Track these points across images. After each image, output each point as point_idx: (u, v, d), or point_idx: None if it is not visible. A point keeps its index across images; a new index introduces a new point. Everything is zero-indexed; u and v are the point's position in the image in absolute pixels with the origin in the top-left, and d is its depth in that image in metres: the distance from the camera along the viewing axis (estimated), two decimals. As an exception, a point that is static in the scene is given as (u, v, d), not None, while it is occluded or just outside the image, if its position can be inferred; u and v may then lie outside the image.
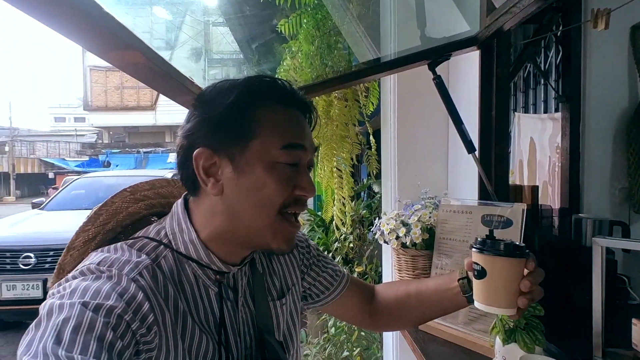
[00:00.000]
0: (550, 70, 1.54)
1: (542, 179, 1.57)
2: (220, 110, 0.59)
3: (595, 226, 1.08)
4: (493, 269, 0.64)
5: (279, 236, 0.62)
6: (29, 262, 3.72)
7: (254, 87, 0.61)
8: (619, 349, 0.76)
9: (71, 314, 0.47)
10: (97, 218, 0.68)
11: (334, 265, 0.86)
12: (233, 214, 0.60)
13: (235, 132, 0.59)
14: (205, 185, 0.60)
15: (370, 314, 0.86)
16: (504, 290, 0.64)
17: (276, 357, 0.67)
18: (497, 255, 0.63)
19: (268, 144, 0.59)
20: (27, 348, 0.44)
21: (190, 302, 0.60)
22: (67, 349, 0.43)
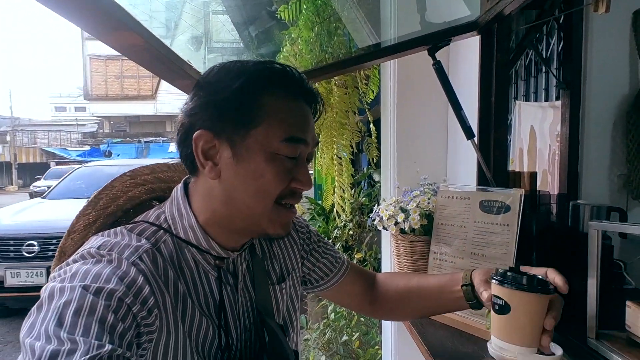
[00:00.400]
0: (552, 57, 1.53)
1: (542, 168, 1.57)
2: (226, 95, 0.58)
3: (593, 212, 1.08)
4: (519, 305, 0.60)
5: (275, 222, 0.62)
6: (32, 250, 3.76)
7: (263, 74, 0.60)
8: (613, 331, 0.77)
9: (72, 297, 0.47)
10: (97, 202, 0.68)
11: (334, 251, 0.86)
12: (229, 200, 0.60)
13: (238, 118, 0.58)
14: (203, 168, 0.60)
15: (371, 302, 0.86)
16: (529, 328, 0.61)
17: (276, 340, 0.68)
18: (525, 290, 0.60)
19: (270, 134, 0.59)
20: (30, 330, 0.45)
21: (190, 285, 0.61)
22: (68, 331, 0.44)
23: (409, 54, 1.08)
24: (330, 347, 1.92)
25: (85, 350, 0.42)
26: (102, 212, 0.69)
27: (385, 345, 1.72)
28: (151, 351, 0.55)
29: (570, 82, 1.28)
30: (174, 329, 0.57)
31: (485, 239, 1.02)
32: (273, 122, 0.59)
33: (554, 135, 1.50)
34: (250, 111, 0.58)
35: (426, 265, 1.15)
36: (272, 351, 0.68)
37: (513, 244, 0.97)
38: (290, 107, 0.61)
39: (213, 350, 0.62)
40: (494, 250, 1.00)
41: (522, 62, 1.75)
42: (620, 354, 0.69)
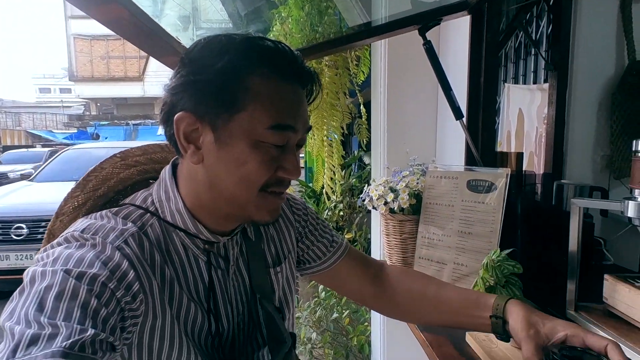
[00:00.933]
0: (541, 39, 1.53)
1: (529, 150, 1.59)
2: (208, 75, 0.54)
3: (576, 191, 1.11)
4: None
5: (261, 209, 0.59)
6: (21, 233, 3.71)
7: (249, 53, 0.55)
8: (591, 303, 0.80)
9: (54, 281, 0.45)
10: (87, 184, 0.66)
11: (332, 234, 0.82)
12: (213, 186, 0.58)
13: (221, 101, 0.54)
14: (185, 152, 0.57)
15: (374, 295, 0.79)
16: None
17: (273, 323, 0.67)
18: None
19: (255, 120, 0.54)
20: (10, 315, 0.43)
21: (178, 270, 0.59)
22: (49, 316, 0.42)
23: (399, 33, 1.07)
24: (321, 324, 1.96)
25: (67, 335, 0.41)
26: (92, 194, 0.67)
27: (374, 322, 1.76)
28: (136, 335, 0.54)
29: (558, 64, 1.29)
30: (160, 313, 0.55)
31: (472, 217, 1.04)
32: (259, 107, 0.54)
33: (541, 118, 1.52)
34: (234, 94, 0.54)
35: (414, 244, 1.18)
36: (269, 335, 0.67)
37: (499, 222, 0.99)
38: (279, 90, 0.56)
39: (203, 335, 0.61)
40: (480, 228, 1.02)
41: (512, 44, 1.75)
42: (597, 324, 0.72)
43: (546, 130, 1.39)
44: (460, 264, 1.04)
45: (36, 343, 0.40)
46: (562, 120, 1.31)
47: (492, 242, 0.99)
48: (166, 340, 0.56)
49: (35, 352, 0.39)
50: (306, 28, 1.59)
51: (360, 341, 1.84)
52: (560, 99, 1.32)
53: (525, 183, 1.20)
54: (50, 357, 0.38)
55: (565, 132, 1.31)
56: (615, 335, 0.68)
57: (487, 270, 0.85)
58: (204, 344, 0.61)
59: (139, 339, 0.54)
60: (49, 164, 5.25)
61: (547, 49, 1.47)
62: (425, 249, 1.13)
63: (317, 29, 1.54)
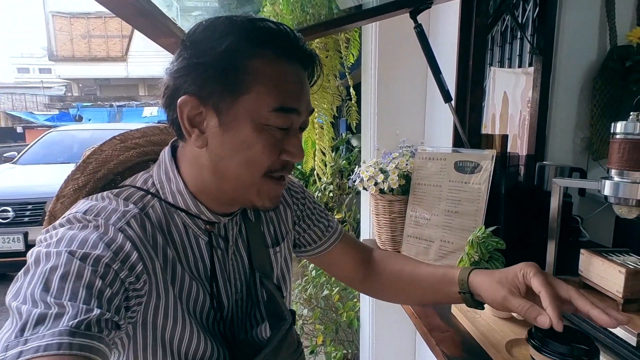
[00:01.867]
0: (527, 23, 1.55)
1: (513, 132, 1.63)
2: (211, 58, 0.53)
3: (557, 172, 1.15)
4: None
5: (263, 195, 0.59)
6: (7, 216, 3.65)
7: (252, 34, 0.54)
8: (568, 276, 0.85)
9: (58, 262, 0.46)
10: (86, 167, 0.66)
11: (328, 219, 0.83)
12: (217, 170, 0.58)
13: (225, 84, 0.53)
14: (189, 136, 0.56)
15: (363, 278, 0.82)
16: None
17: (274, 301, 0.68)
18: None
19: (260, 103, 0.54)
20: (16, 295, 0.44)
21: (179, 250, 0.60)
22: (55, 296, 0.43)
23: (390, 16, 1.07)
24: (312, 301, 2.02)
25: (73, 314, 0.41)
26: (92, 176, 0.67)
27: (363, 298, 1.82)
28: (141, 313, 0.54)
29: (542, 49, 1.31)
30: (164, 293, 0.56)
31: (459, 196, 1.08)
32: (263, 90, 0.54)
33: (525, 101, 1.55)
34: (237, 77, 0.53)
35: (403, 223, 1.22)
36: (269, 312, 0.69)
37: (484, 201, 1.03)
38: (283, 72, 0.55)
39: (205, 312, 0.62)
40: (466, 207, 1.06)
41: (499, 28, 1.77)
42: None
43: (530, 114, 1.43)
44: (447, 241, 1.08)
45: (43, 322, 0.40)
46: (545, 103, 1.35)
47: (478, 221, 1.03)
48: (170, 319, 0.57)
49: (42, 331, 0.39)
50: (296, 9, 1.57)
51: (350, 317, 1.90)
52: (544, 83, 1.35)
53: (509, 164, 1.24)
54: (58, 336, 0.39)
55: (547, 116, 1.35)
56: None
57: (472, 247, 0.89)
58: (205, 321, 0.62)
59: (143, 318, 0.55)
60: (32, 146, 5.11)
61: (533, 33, 1.49)
62: (413, 228, 1.17)
63: (308, 11, 1.52)
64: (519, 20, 1.60)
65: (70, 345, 0.39)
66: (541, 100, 1.33)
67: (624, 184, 0.70)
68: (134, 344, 0.55)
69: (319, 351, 2.04)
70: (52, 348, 0.38)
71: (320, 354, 2.07)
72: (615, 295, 0.71)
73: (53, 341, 0.39)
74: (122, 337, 0.54)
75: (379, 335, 1.62)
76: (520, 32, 1.56)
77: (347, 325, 1.97)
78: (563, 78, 1.32)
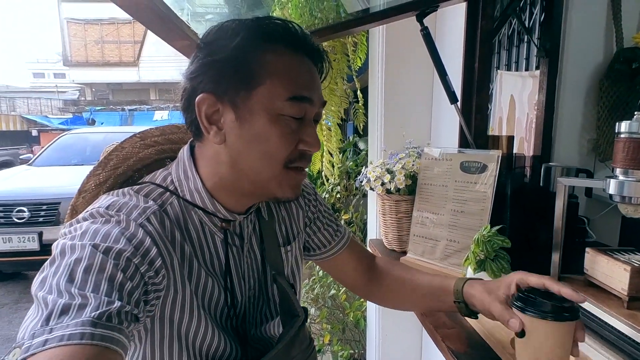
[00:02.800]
0: (534, 27, 1.55)
1: (520, 136, 1.63)
2: (224, 54, 0.54)
3: (563, 172, 1.15)
4: (537, 331, 0.55)
5: (284, 185, 0.60)
6: (22, 216, 3.72)
7: (262, 30, 0.56)
8: (573, 275, 0.85)
9: (83, 254, 0.47)
10: (108, 163, 0.68)
11: (337, 224, 0.84)
12: (236, 164, 0.58)
13: (239, 78, 0.55)
14: (208, 134, 0.57)
15: (366, 283, 0.83)
16: (552, 356, 0.55)
17: (287, 298, 0.69)
18: (543, 318, 0.55)
19: (273, 94, 0.55)
20: (42, 284, 0.45)
21: (196, 246, 0.61)
22: (79, 287, 0.44)
23: (397, 19, 1.09)
24: (319, 301, 2.02)
25: (95, 306, 0.43)
26: (113, 172, 0.69)
27: (369, 298, 1.82)
28: (159, 307, 0.55)
29: (549, 50, 1.31)
30: (181, 288, 0.57)
31: (465, 196, 1.08)
32: (275, 81, 0.55)
33: (532, 104, 1.55)
34: (250, 70, 0.55)
35: (410, 223, 1.22)
36: (282, 309, 0.70)
37: (489, 201, 1.04)
38: (294, 63, 0.57)
39: (219, 308, 0.63)
40: (472, 207, 1.06)
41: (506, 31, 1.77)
42: (578, 292, 0.77)
43: (536, 115, 1.42)
44: (452, 240, 1.09)
45: (67, 312, 0.42)
46: (551, 105, 1.34)
47: (483, 220, 1.04)
48: (186, 313, 0.58)
49: (67, 321, 0.41)
50: (305, 14, 1.59)
51: (357, 316, 1.90)
52: (551, 84, 1.35)
53: (515, 165, 1.24)
54: (81, 326, 0.40)
55: (554, 117, 1.34)
56: (594, 302, 0.73)
57: (477, 245, 0.90)
58: (219, 318, 0.63)
59: (161, 312, 0.56)
60: (47, 149, 5.21)
61: (540, 36, 1.49)
62: (419, 227, 1.18)
63: (316, 15, 1.54)
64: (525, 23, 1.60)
65: (92, 335, 0.40)
66: (547, 102, 1.33)
67: (628, 183, 0.70)
68: (151, 337, 0.57)
69: (325, 350, 2.05)
70: (75, 337, 0.40)
71: (327, 353, 2.08)
72: (620, 293, 0.71)
73: (76, 331, 0.40)
74: (140, 330, 0.56)
75: (386, 335, 1.62)
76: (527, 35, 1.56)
77: (354, 325, 1.97)
78: (569, 80, 1.32)
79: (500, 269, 0.87)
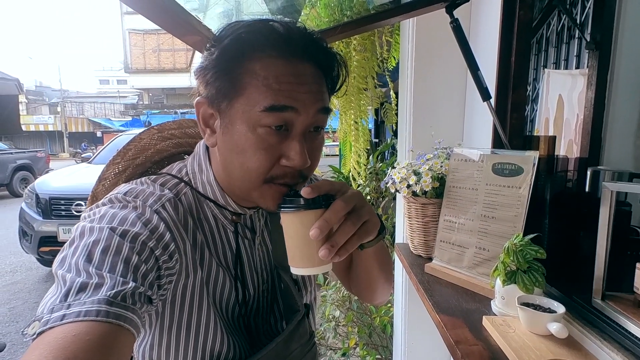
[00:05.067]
0: (587, 21, 1.39)
1: (568, 138, 1.47)
2: (215, 60, 0.53)
3: (614, 177, 1.01)
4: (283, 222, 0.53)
5: (267, 198, 0.56)
6: (80, 209, 3.99)
7: (247, 38, 0.52)
8: (620, 293, 0.73)
9: (101, 236, 0.48)
10: (126, 153, 0.70)
11: None
12: (226, 168, 0.58)
13: (222, 87, 0.53)
14: (204, 135, 0.58)
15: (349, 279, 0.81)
16: (296, 249, 0.52)
17: (289, 293, 0.68)
18: (281, 212, 0.53)
19: (251, 103, 0.51)
20: (62, 263, 0.46)
21: (208, 236, 0.61)
22: (97, 266, 0.45)
23: (426, 12, 1.01)
24: (345, 303, 1.96)
25: (111, 285, 0.43)
26: (131, 162, 0.70)
27: (396, 302, 1.73)
28: (170, 292, 0.56)
29: (599, 43, 1.17)
30: (192, 272, 0.57)
31: (496, 201, 0.98)
32: (254, 90, 0.51)
33: (582, 104, 1.39)
34: (234, 79, 0.52)
35: (436, 227, 1.13)
36: (284, 303, 0.68)
37: (524, 207, 0.93)
38: (278, 71, 0.52)
39: (230, 304, 0.62)
40: (504, 213, 0.96)
41: (554, 27, 1.61)
42: (624, 314, 0.66)
43: (584, 114, 1.27)
44: (482, 248, 0.99)
45: (85, 290, 0.42)
46: (601, 103, 1.19)
47: (517, 227, 0.93)
48: (195, 302, 0.58)
49: (84, 298, 0.42)
50: (336, 12, 1.54)
51: (383, 321, 1.82)
52: (601, 80, 1.20)
53: (557, 168, 1.11)
54: (97, 304, 0.41)
55: (604, 116, 1.19)
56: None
57: (508, 255, 0.80)
58: (230, 313, 0.62)
59: (172, 296, 0.56)
60: (104, 148, 5.57)
61: (591, 30, 1.33)
62: (447, 232, 1.09)
63: (346, 13, 1.49)
64: (576, 17, 1.44)
65: (107, 313, 0.41)
66: (596, 99, 1.18)
67: (691, 190, 0.58)
68: (160, 323, 0.57)
69: (351, 354, 1.97)
70: (91, 314, 0.40)
71: (353, 357, 2.00)
72: (678, 319, 0.59)
73: (92, 308, 0.41)
74: (152, 315, 0.56)
75: (412, 344, 1.53)
76: (574, 26, 1.40)
77: (381, 330, 1.89)
78: (622, 75, 1.16)
79: (533, 283, 0.77)
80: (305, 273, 0.53)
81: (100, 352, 0.38)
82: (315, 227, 0.48)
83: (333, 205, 0.49)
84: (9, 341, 3.09)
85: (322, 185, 0.51)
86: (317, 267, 0.51)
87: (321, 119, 0.56)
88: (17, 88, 11.49)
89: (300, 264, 0.52)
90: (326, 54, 0.56)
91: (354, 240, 0.50)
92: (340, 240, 0.49)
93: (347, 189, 0.54)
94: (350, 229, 0.50)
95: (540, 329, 0.71)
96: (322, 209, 0.50)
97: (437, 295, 0.97)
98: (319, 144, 0.59)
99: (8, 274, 4.53)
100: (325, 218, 0.49)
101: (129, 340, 0.42)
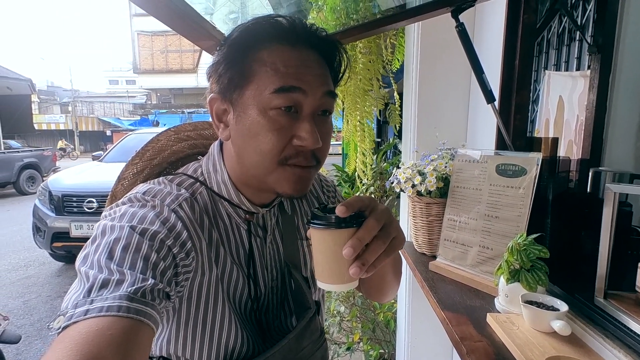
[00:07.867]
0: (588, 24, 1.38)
1: (568, 138, 1.47)
2: (225, 54, 0.56)
3: (615, 178, 1.01)
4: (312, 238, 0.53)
5: (282, 182, 0.57)
6: (92, 206, 4.01)
7: (255, 30, 0.56)
8: (622, 292, 0.73)
9: (121, 234, 0.49)
10: (144, 154, 0.71)
11: None
12: (240, 160, 0.59)
13: (234, 76, 0.55)
14: (218, 130, 0.60)
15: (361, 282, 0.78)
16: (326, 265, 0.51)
17: (300, 291, 0.68)
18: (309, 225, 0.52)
19: (261, 87, 0.54)
20: (84, 260, 0.47)
21: (222, 234, 0.61)
22: (118, 263, 0.46)
23: (432, 16, 1.00)
24: (350, 299, 1.96)
25: (131, 282, 0.44)
26: (149, 162, 0.71)
27: (400, 298, 1.74)
28: (187, 289, 0.56)
29: (601, 45, 1.16)
30: (208, 270, 0.58)
31: (500, 201, 0.98)
32: (263, 75, 0.54)
33: (583, 106, 1.38)
34: (244, 68, 0.55)
35: (440, 226, 1.13)
36: (296, 301, 0.69)
37: (527, 207, 0.93)
38: (285, 56, 0.54)
39: (243, 299, 0.63)
40: (507, 213, 0.96)
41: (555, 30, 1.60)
42: (626, 312, 0.66)
43: (585, 116, 1.27)
44: (485, 247, 0.99)
45: (107, 286, 0.43)
46: (603, 105, 1.19)
47: (520, 227, 0.93)
48: (210, 298, 0.58)
49: (106, 294, 0.42)
50: (342, 16, 1.54)
51: (387, 317, 1.82)
52: (603, 82, 1.19)
53: (559, 169, 1.10)
54: (118, 300, 0.42)
55: (605, 118, 1.18)
56: (647, 325, 0.61)
57: (512, 254, 0.80)
58: (243, 309, 0.63)
59: (189, 293, 0.57)
60: (114, 147, 5.60)
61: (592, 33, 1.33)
62: (451, 232, 1.09)
63: (353, 17, 1.49)
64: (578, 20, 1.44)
65: (128, 309, 0.42)
66: (598, 101, 1.18)
67: (694, 192, 0.58)
68: (177, 318, 0.58)
69: (355, 349, 1.98)
70: (112, 309, 0.41)
71: (357, 352, 2.01)
72: (680, 318, 0.59)
73: (114, 303, 0.41)
74: (169, 310, 0.57)
75: (415, 339, 1.53)
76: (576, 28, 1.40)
77: (384, 325, 1.89)
78: (624, 78, 1.16)
79: (536, 281, 0.77)
80: (334, 289, 0.53)
81: (121, 346, 0.39)
82: (348, 246, 0.47)
83: (366, 224, 0.49)
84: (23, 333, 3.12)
85: (355, 203, 0.50)
86: (345, 284, 0.51)
87: (328, 102, 0.58)
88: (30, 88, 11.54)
89: (329, 280, 0.51)
90: (328, 42, 0.58)
91: (382, 257, 0.50)
92: (371, 258, 0.48)
93: (375, 204, 0.53)
94: (380, 247, 0.49)
95: (543, 326, 0.72)
96: (355, 228, 0.49)
97: (441, 292, 0.97)
98: (329, 128, 0.60)
99: (22, 268, 4.57)
100: (359, 237, 0.48)
101: (149, 334, 0.43)
